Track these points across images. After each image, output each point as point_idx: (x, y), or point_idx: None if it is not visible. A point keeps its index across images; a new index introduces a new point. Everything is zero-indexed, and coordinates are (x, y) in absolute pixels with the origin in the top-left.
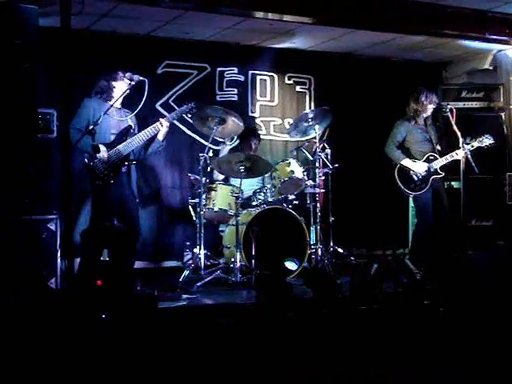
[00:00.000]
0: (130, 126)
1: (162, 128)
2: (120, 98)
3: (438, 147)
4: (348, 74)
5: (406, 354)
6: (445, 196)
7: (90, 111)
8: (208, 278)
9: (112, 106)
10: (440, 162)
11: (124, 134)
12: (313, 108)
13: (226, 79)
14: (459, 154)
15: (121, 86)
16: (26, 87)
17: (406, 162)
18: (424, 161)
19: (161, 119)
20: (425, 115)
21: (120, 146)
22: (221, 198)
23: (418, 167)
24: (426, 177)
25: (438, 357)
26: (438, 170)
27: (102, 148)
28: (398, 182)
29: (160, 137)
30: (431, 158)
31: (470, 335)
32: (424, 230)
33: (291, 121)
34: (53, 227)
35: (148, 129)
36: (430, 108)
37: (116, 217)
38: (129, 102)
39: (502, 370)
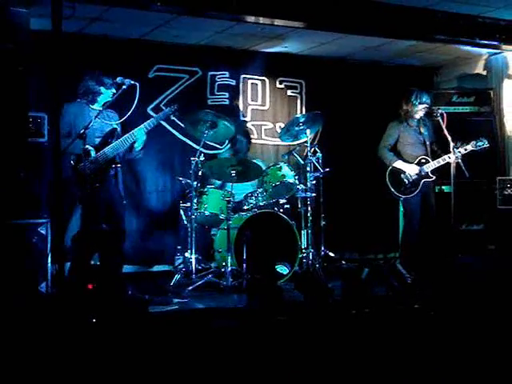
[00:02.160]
0: (115, 128)
1: (138, 136)
2: (102, 104)
3: (434, 147)
4: (339, 78)
5: (397, 357)
6: (433, 200)
7: (71, 116)
8: (199, 282)
9: (101, 111)
10: (431, 165)
11: (109, 137)
12: (304, 112)
13: (217, 83)
14: (451, 158)
15: (107, 94)
16: (17, 91)
17: (399, 164)
18: (416, 164)
19: (136, 128)
20: (417, 116)
21: (106, 149)
22: (212, 202)
23: (410, 169)
24: (416, 180)
25: (429, 360)
26: (429, 174)
27: (92, 150)
28: (389, 184)
29: (137, 146)
30: (423, 161)
31: (461, 338)
32: (412, 234)
33: (282, 125)
34: (43, 231)
35: (128, 134)
36: (422, 109)
37: (104, 219)
38: (120, 106)
39: (493, 372)
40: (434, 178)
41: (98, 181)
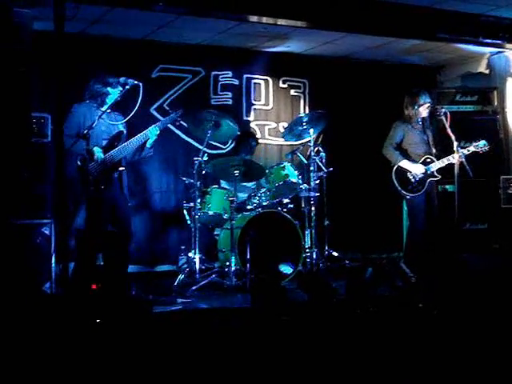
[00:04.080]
0: (122, 131)
1: (150, 135)
2: (111, 104)
3: (434, 150)
4: (342, 77)
5: (401, 357)
6: (436, 199)
7: (80, 117)
8: (203, 282)
9: (105, 112)
10: (437, 164)
11: (115, 140)
12: (307, 112)
13: (220, 83)
14: (455, 158)
15: (114, 93)
16: (20, 91)
17: (404, 163)
18: (421, 163)
19: (151, 127)
20: (421, 116)
21: (113, 152)
22: (215, 201)
23: (416, 168)
24: (422, 179)
25: (433, 359)
26: (435, 173)
27: (97, 149)
28: (396, 183)
29: (149, 144)
30: (428, 160)
31: (465, 338)
32: (417, 233)
33: (286, 124)
34: (47, 231)
35: (139, 135)
36: (425, 108)
37: (109, 221)
38: (123, 106)
39: (497, 371)
40: (440, 177)
41: (103, 183)
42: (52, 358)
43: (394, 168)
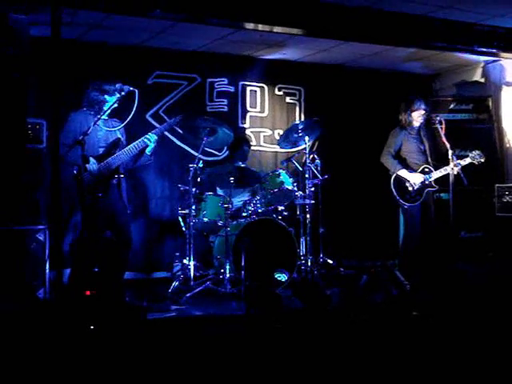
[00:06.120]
0: (119, 138)
1: (149, 143)
2: (108, 111)
3: (431, 159)
4: (338, 85)
5: (395, 365)
6: (433, 208)
7: (77, 125)
8: (197, 289)
9: (100, 118)
10: (435, 174)
11: (112, 147)
12: (303, 119)
13: (216, 90)
14: (452, 169)
15: (112, 100)
16: (16, 97)
17: (403, 173)
18: (419, 172)
19: (149, 133)
20: (416, 124)
21: (109, 159)
22: (210, 208)
23: (415, 178)
24: (420, 189)
25: (427, 368)
26: (433, 183)
27: (92, 160)
28: (394, 192)
29: (148, 151)
30: (426, 170)
31: (460, 346)
32: (412, 241)
33: (281, 132)
34: (42, 237)
35: (137, 141)
36: (419, 115)
37: (108, 228)
38: (119, 113)
39: (493, 379)
40: (437, 187)
41: (100, 190)
42: (45, 364)
43: (393, 177)
